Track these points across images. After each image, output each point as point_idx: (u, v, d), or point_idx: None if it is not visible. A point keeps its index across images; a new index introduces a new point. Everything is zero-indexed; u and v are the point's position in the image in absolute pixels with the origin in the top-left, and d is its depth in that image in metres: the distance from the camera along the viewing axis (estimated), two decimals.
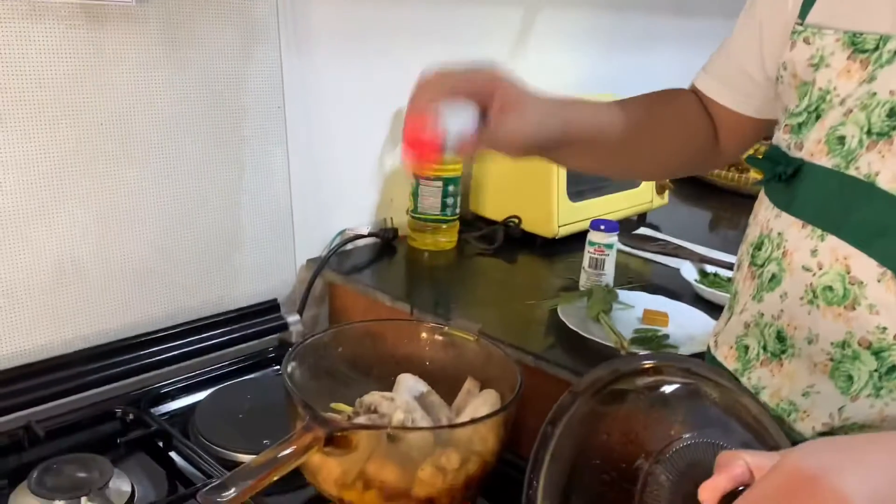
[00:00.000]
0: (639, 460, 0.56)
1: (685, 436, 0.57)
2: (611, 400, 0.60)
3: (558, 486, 0.56)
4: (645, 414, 0.59)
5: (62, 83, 0.95)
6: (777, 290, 0.71)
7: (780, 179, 0.71)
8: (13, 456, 0.90)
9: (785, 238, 0.71)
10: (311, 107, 1.28)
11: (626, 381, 0.61)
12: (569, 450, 0.58)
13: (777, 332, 0.72)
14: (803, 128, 0.71)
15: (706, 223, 1.89)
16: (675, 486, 0.54)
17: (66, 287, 1.00)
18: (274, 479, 0.66)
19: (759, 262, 0.74)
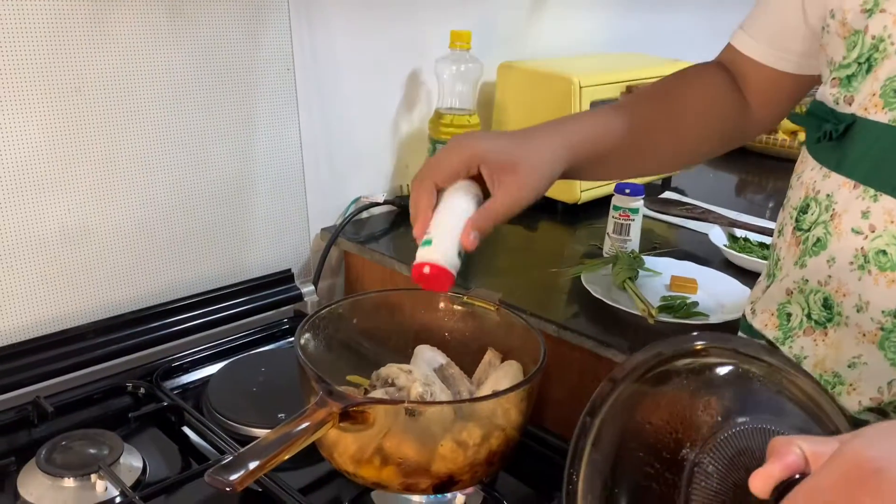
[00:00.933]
0: (684, 450, 0.52)
1: (734, 421, 0.53)
2: (653, 385, 0.57)
3: (600, 480, 0.53)
4: (690, 399, 0.54)
5: (67, 49, 0.91)
6: (822, 254, 0.67)
7: (830, 138, 0.66)
8: (22, 432, 0.88)
9: (834, 200, 0.66)
10: (322, 72, 1.24)
11: (668, 364, 0.57)
12: (610, 441, 0.54)
13: (824, 300, 0.67)
14: (853, 80, 0.65)
15: (732, 186, 1.83)
16: (723, 475, 0.50)
17: (74, 259, 0.98)
18: (286, 458, 0.63)
19: (806, 227, 0.70)
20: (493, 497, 0.81)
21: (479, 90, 1.40)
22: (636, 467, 0.53)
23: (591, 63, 1.55)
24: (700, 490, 0.50)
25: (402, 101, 1.39)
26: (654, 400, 0.56)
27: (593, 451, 0.53)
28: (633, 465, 0.53)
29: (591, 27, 1.74)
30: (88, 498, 0.77)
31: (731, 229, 1.31)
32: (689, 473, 0.51)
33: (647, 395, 0.56)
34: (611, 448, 0.54)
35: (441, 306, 0.92)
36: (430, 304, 0.93)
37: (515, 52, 1.53)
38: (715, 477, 0.50)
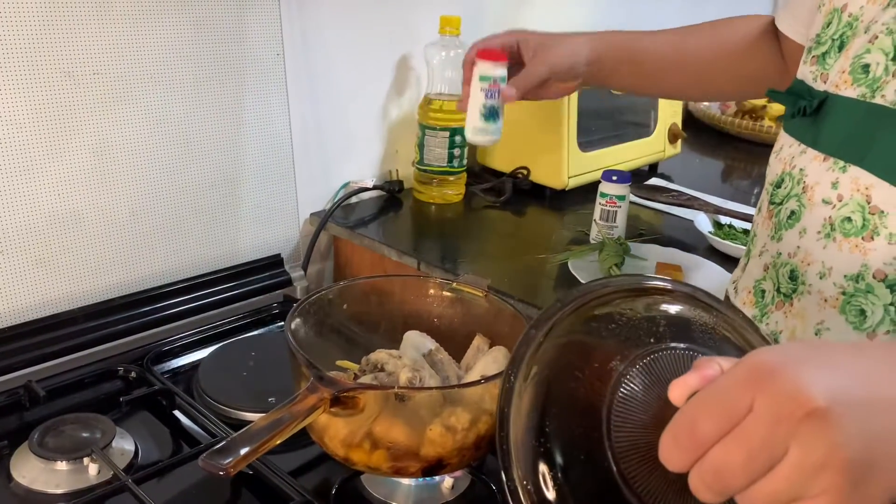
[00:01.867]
0: (614, 361, 0.54)
1: (665, 345, 0.55)
2: (596, 311, 0.59)
3: (535, 382, 0.55)
4: (627, 324, 0.57)
5: (54, 33, 0.91)
6: (796, 226, 0.69)
7: (805, 114, 0.69)
8: (13, 416, 0.88)
9: (806, 173, 0.69)
10: (312, 56, 1.24)
11: (618, 296, 0.59)
12: (549, 351, 0.56)
13: (790, 271, 0.70)
14: (827, 58, 0.68)
15: (719, 173, 1.85)
16: (648, 388, 0.52)
17: (65, 243, 0.98)
18: (278, 442, 0.64)
19: (778, 200, 0.72)
20: (481, 480, 0.83)
21: None
22: (568, 373, 0.55)
23: None
24: (623, 398, 0.52)
25: (392, 87, 1.39)
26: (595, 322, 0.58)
27: (531, 359, 0.56)
28: (565, 372, 0.55)
29: (579, 14, 1.74)
30: (81, 481, 0.78)
31: (716, 216, 1.33)
32: (615, 383, 0.52)
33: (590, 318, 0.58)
34: (548, 357, 0.56)
35: (430, 292, 0.93)
36: (419, 289, 0.94)
37: None
38: (640, 388, 0.52)
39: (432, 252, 1.20)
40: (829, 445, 0.37)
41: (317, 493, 0.79)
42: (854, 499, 0.38)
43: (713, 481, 0.40)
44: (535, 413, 0.54)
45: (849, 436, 0.37)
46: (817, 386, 0.38)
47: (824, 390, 0.38)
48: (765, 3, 2.46)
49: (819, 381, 0.38)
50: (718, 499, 0.41)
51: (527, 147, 1.43)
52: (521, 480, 0.52)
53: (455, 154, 1.36)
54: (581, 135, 1.41)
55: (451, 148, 1.35)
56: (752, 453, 0.39)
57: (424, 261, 1.16)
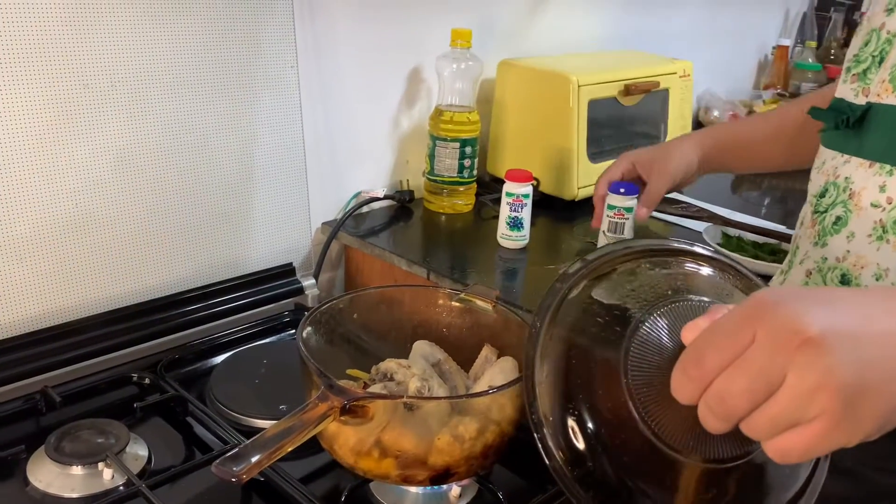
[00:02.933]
0: (633, 309, 0.57)
1: (683, 296, 0.58)
2: (620, 269, 0.62)
3: (560, 329, 0.58)
4: (648, 280, 0.60)
5: (72, 38, 0.93)
6: (843, 231, 0.71)
7: (848, 126, 0.71)
8: (30, 421, 0.90)
9: (851, 181, 0.71)
10: (324, 66, 1.25)
11: (638, 255, 0.63)
12: (573, 302, 0.60)
13: (841, 276, 0.71)
14: (868, 73, 0.71)
15: (728, 184, 1.85)
16: (665, 334, 0.55)
17: (80, 251, 1.00)
18: (289, 450, 0.65)
19: (822, 209, 0.74)
20: (488, 489, 0.84)
21: (479, 86, 1.42)
22: (590, 318, 0.58)
23: (590, 61, 1.57)
24: (640, 341, 0.55)
25: (403, 98, 1.40)
26: (618, 274, 0.61)
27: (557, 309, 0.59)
28: (589, 317, 0.59)
29: (590, 25, 1.75)
30: (96, 485, 0.79)
31: (725, 228, 1.34)
32: (633, 327, 0.56)
33: (611, 275, 0.61)
34: (574, 307, 0.59)
35: (439, 302, 0.94)
36: (428, 299, 0.95)
37: (515, 50, 1.55)
38: (655, 333, 0.55)
39: (442, 262, 1.21)
40: (822, 371, 0.40)
41: (326, 500, 0.80)
42: (847, 421, 0.41)
43: (717, 407, 0.44)
44: (559, 356, 0.57)
45: (841, 362, 0.41)
46: (813, 317, 0.41)
47: (819, 321, 0.41)
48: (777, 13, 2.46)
49: (815, 314, 0.42)
50: (723, 425, 0.44)
51: (537, 158, 1.44)
52: (546, 419, 0.57)
53: (465, 164, 1.37)
54: (591, 146, 1.42)
55: (462, 158, 1.36)
56: (753, 380, 0.42)
57: (434, 270, 1.17)
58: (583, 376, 0.56)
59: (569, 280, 0.60)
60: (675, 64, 1.60)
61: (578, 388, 0.56)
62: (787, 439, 0.42)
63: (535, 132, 1.44)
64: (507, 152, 1.49)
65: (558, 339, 0.58)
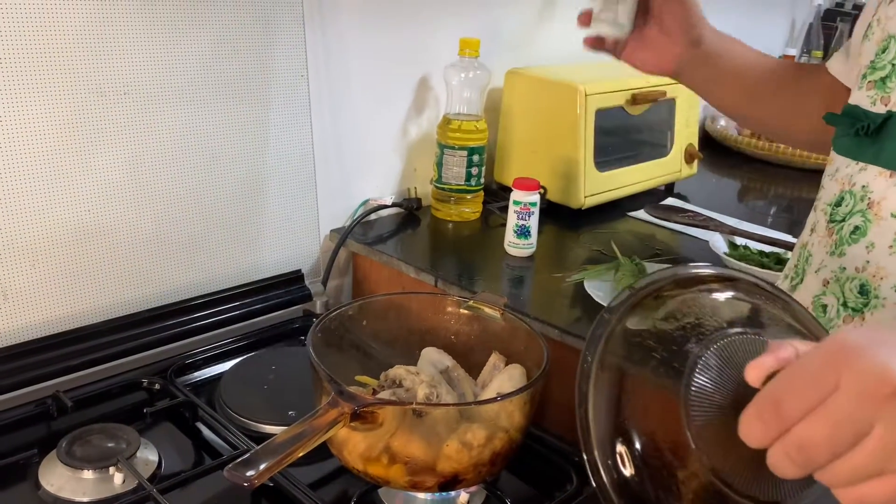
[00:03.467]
0: (689, 344, 0.56)
1: (738, 329, 0.57)
2: (669, 298, 0.61)
3: (612, 360, 0.57)
4: (700, 309, 0.59)
5: (87, 48, 0.94)
6: (862, 241, 0.71)
7: (867, 133, 0.70)
8: (42, 425, 0.91)
9: (870, 190, 0.70)
10: (334, 75, 1.26)
11: (684, 284, 0.62)
12: (623, 333, 0.59)
13: (860, 286, 0.71)
14: (888, 81, 0.70)
15: (735, 193, 1.86)
16: (724, 370, 0.55)
17: (92, 258, 1.00)
18: (300, 455, 0.66)
19: (840, 218, 0.74)
20: (496, 495, 0.84)
21: (487, 95, 1.43)
22: (646, 353, 0.57)
23: (597, 70, 1.57)
24: (701, 379, 0.54)
25: (412, 106, 1.41)
26: (667, 306, 0.60)
27: (608, 339, 0.58)
28: (642, 352, 0.57)
29: None
30: (107, 489, 0.80)
31: (732, 237, 1.34)
32: (692, 364, 0.54)
33: (661, 302, 0.60)
34: (624, 337, 0.58)
35: (447, 310, 0.95)
36: (436, 307, 0.96)
37: (523, 59, 1.56)
38: (715, 370, 0.54)
39: (449, 269, 1.22)
40: None
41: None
42: None
43: (797, 455, 0.43)
44: (612, 391, 0.56)
45: None
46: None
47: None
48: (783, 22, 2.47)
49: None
50: (799, 472, 0.43)
51: (544, 166, 1.44)
52: (600, 456, 0.55)
53: (473, 172, 1.38)
54: (598, 154, 1.43)
55: (469, 167, 1.37)
56: (838, 429, 0.41)
57: (442, 278, 1.18)
58: (639, 412, 0.56)
59: (618, 311, 0.59)
60: None
61: (633, 423, 0.55)
62: (868, 488, 0.42)
63: (542, 141, 1.45)
64: (514, 161, 1.50)
65: (611, 373, 0.57)
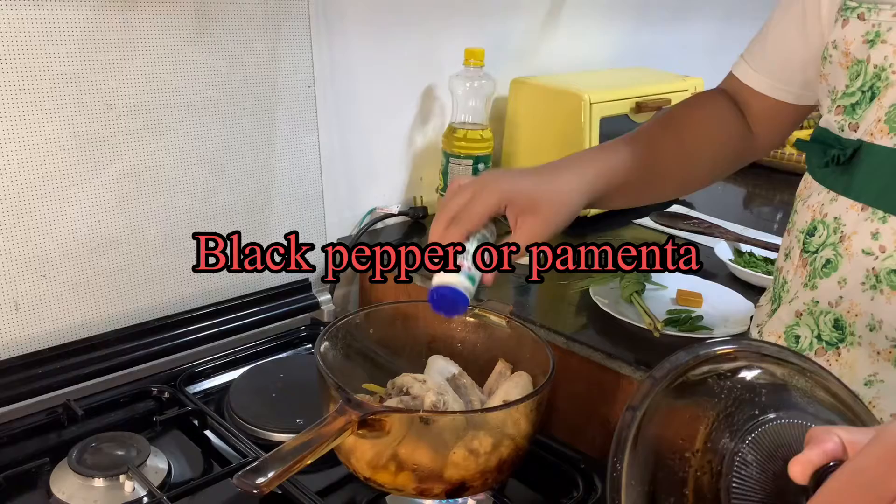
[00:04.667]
0: (723, 440, 0.53)
1: (770, 416, 0.54)
2: (692, 384, 0.58)
3: (643, 467, 0.54)
4: (728, 396, 0.56)
5: (93, 62, 0.95)
6: (833, 276, 0.69)
7: (838, 163, 0.69)
8: (53, 434, 0.92)
9: (842, 222, 0.69)
10: (340, 85, 1.28)
11: (706, 365, 0.59)
12: (651, 432, 0.56)
13: (834, 320, 0.70)
14: (857, 108, 0.69)
15: (740, 200, 1.86)
16: (763, 464, 0.52)
17: (102, 268, 1.02)
18: (308, 462, 0.66)
19: (813, 249, 0.72)
20: (503, 502, 0.85)
21: (492, 104, 1.44)
22: (678, 454, 0.54)
23: (601, 79, 1.58)
24: (740, 478, 0.51)
25: (417, 116, 1.42)
26: (694, 396, 0.57)
27: (636, 442, 0.55)
28: (674, 453, 0.54)
29: (601, 43, 1.77)
30: (117, 497, 0.81)
31: (737, 244, 1.34)
32: (728, 462, 0.52)
33: (687, 392, 0.58)
34: (652, 437, 0.55)
35: (454, 318, 0.96)
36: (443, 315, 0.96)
37: (528, 68, 1.57)
38: (755, 465, 0.51)
39: None
40: None
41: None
42: None
43: None
44: (646, 499, 0.53)
45: None
46: None
47: None
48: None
49: None
50: None
51: None
52: None
53: None
54: None
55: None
56: None
57: None
58: None
59: (641, 406, 0.56)
60: (686, 81, 1.61)
61: None
62: None
63: (547, 149, 1.45)
64: None
65: (643, 480, 0.54)
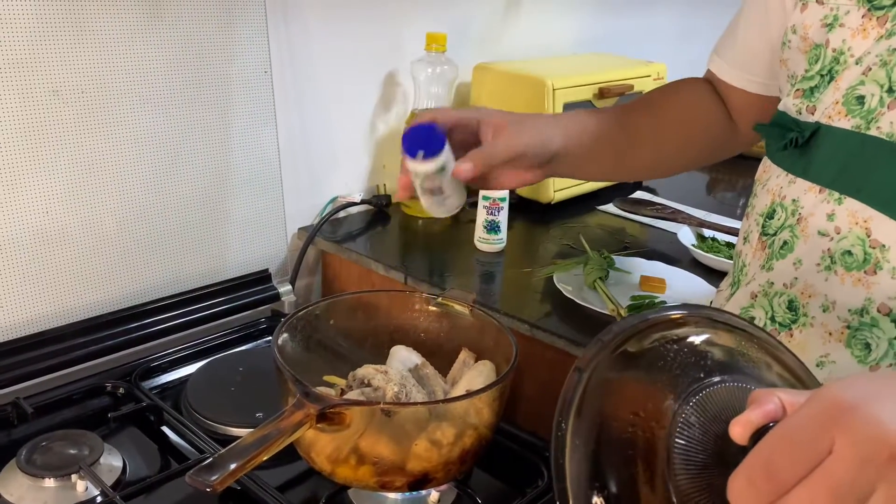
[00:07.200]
0: (667, 401, 0.53)
1: (715, 379, 0.54)
2: (639, 347, 0.58)
3: (587, 427, 0.54)
4: (674, 359, 0.56)
5: (44, 51, 0.92)
6: (789, 256, 0.69)
7: (796, 145, 0.69)
8: (2, 433, 0.89)
9: (800, 204, 0.69)
10: (299, 71, 1.25)
11: (656, 330, 0.58)
12: (597, 393, 0.55)
13: (788, 302, 0.70)
14: (816, 91, 0.69)
15: (704, 185, 1.86)
16: (705, 426, 0.52)
17: (53, 260, 0.98)
18: (265, 458, 0.64)
19: (771, 231, 0.72)
20: (467, 493, 0.84)
21: (455, 90, 1.42)
22: (623, 415, 0.54)
23: (565, 64, 1.57)
24: (683, 438, 0.51)
25: (379, 102, 1.40)
26: (640, 359, 0.57)
27: (581, 402, 0.54)
28: (619, 413, 0.54)
29: (565, 28, 1.76)
30: (69, 498, 0.78)
31: (700, 229, 1.35)
32: (672, 423, 0.52)
33: (634, 355, 0.57)
34: (598, 399, 0.55)
35: (416, 307, 0.94)
36: (405, 304, 0.95)
37: (490, 53, 1.55)
38: (697, 427, 0.51)
39: (419, 266, 1.21)
40: None
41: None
42: None
43: None
44: (590, 461, 0.53)
45: None
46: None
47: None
48: None
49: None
50: None
51: None
52: None
53: None
54: None
55: None
56: (839, 495, 0.39)
57: (411, 275, 1.17)
58: (622, 483, 0.52)
59: (588, 367, 0.55)
60: (650, 67, 1.61)
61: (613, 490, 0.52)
62: None
63: None
64: None
65: (588, 441, 0.53)
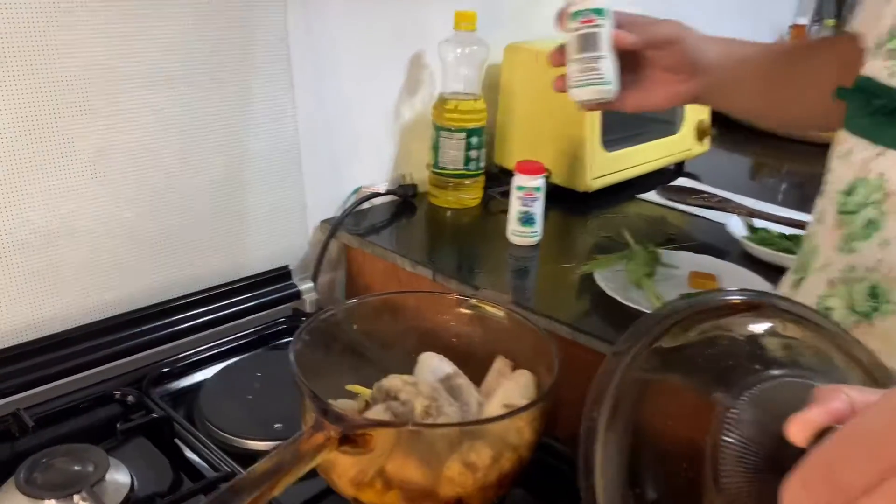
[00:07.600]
0: (716, 393, 0.47)
1: (774, 372, 0.48)
2: (686, 335, 0.52)
3: (622, 420, 0.48)
4: (727, 347, 0.50)
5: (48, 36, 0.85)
6: (875, 236, 0.62)
7: (887, 112, 0.61)
8: (2, 447, 0.83)
9: (887, 178, 0.61)
10: (319, 56, 1.17)
11: (703, 316, 0.52)
12: (636, 383, 0.50)
13: (870, 288, 0.63)
14: None
15: (747, 170, 1.77)
16: (759, 423, 0.45)
17: (59, 260, 0.92)
18: (282, 489, 0.57)
19: (852, 209, 0.65)
20: None
21: (485, 72, 1.34)
22: (666, 404, 0.49)
23: None
24: (732, 437, 0.45)
25: (404, 86, 1.32)
26: (689, 344, 0.51)
27: (618, 387, 0.49)
28: (657, 407, 0.49)
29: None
30: None
31: (750, 219, 1.25)
32: (720, 419, 0.45)
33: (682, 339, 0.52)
34: (637, 386, 0.49)
35: (447, 309, 0.87)
36: (434, 306, 0.87)
37: (523, 33, 1.46)
38: (749, 423, 0.45)
39: (448, 261, 1.14)
40: None
41: None
42: None
43: None
44: (625, 457, 0.48)
45: None
46: None
47: None
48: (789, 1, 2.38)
49: None
50: None
51: (548, 147, 1.35)
52: None
53: (472, 156, 1.29)
54: (605, 133, 1.34)
55: (468, 150, 1.28)
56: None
57: (440, 271, 1.09)
58: (661, 483, 0.47)
59: (625, 355, 0.50)
60: None
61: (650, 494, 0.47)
62: None
63: (545, 120, 1.36)
64: (515, 142, 1.41)
65: (623, 435, 0.48)
